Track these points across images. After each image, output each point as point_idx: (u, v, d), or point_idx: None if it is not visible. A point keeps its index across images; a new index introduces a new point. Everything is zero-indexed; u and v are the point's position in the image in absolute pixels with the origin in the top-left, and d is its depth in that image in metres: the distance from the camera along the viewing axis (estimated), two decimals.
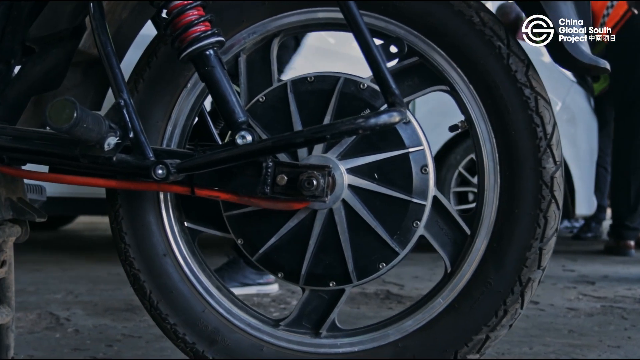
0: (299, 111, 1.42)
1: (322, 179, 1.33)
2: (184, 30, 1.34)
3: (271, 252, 1.44)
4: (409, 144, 1.40)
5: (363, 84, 1.41)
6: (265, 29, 1.49)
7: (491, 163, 1.40)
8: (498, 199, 1.40)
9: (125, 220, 1.51)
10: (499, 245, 1.39)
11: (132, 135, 1.35)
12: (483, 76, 1.39)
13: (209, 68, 1.34)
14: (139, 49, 1.58)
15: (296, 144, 1.25)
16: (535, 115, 1.37)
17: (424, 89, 1.45)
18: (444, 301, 1.42)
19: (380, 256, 1.41)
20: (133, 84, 1.51)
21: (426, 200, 1.40)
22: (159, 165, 1.31)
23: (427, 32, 1.41)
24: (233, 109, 1.35)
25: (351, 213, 1.40)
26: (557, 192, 1.37)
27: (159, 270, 1.51)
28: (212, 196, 1.38)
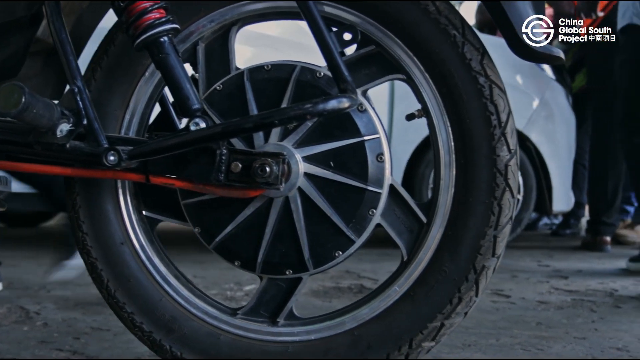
0: (255, 99, 1.42)
1: (276, 166, 1.33)
2: (138, 17, 1.33)
3: (228, 241, 1.45)
4: (365, 132, 1.40)
5: (319, 72, 1.42)
6: (223, 18, 1.49)
7: (447, 151, 1.41)
8: (453, 187, 1.40)
9: (83, 208, 1.50)
10: (454, 233, 1.40)
11: (86, 122, 1.35)
12: (438, 65, 1.39)
13: (163, 55, 1.34)
14: None
15: (245, 129, 1.26)
16: (489, 103, 1.37)
17: (381, 78, 1.45)
18: (400, 289, 1.43)
19: (336, 244, 1.41)
20: (91, 73, 1.51)
21: (382, 188, 1.41)
22: (110, 152, 1.31)
23: (383, 21, 1.41)
24: (187, 96, 1.35)
25: (307, 201, 1.41)
26: (511, 180, 1.38)
27: (117, 258, 1.50)
28: (167, 184, 1.38)
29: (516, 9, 1.35)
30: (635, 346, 2.06)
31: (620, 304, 2.82)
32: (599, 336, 2.21)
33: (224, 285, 3.15)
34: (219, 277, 3.38)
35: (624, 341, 2.13)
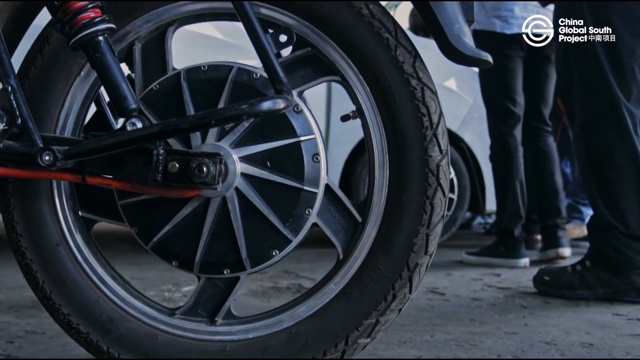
0: (192, 100, 1.43)
1: (213, 167, 1.34)
2: (74, 16, 1.33)
3: (165, 241, 1.45)
4: (300, 132, 1.42)
5: (256, 73, 1.44)
6: (160, 18, 1.49)
7: (380, 152, 1.44)
8: (387, 187, 1.44)
9: (17, 209, 1.49)
10: (387, 232, 1.43)
11: (20, 121, 1.34)
12: (372, 67, 1.43)
13: (99, 55, 1.34)
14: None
15: (182, 129, 1.26)
16: (421, 105, 1.42)
17: (317, 79, 1.48)
18: (336, 287, 1.46)
19: (273, 243, 1.43)
20: (24, 71, 1.49)
21: (318, 188, 1.43)
22: (45, 152, 1.30)
23: (317, 23, 1.44)
24: (124, 96, 1.35)
25: (244, 201, 1.42)
26: (442, 179, 1.42)
27: (52, 260, 1.49)
28: (103, 184, 1.37)
29: (446, 14, 1.40)
30: (563, 340, 2.15)
31: (549, 299, 2.92)
32: (528, 331, 2.28)
33: (162, 287, 3.14)
34: (157, 279, 3.36)
35: (552, 335, 2.21)
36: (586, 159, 3.00)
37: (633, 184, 2.89)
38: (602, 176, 2.95)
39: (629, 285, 2.82)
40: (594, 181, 2.98)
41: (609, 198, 2.92)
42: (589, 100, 2.97)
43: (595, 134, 2.95)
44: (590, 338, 2.17)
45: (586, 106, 2.97)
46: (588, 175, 3.02)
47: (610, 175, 2.92)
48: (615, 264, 2.87)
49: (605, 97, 2.92)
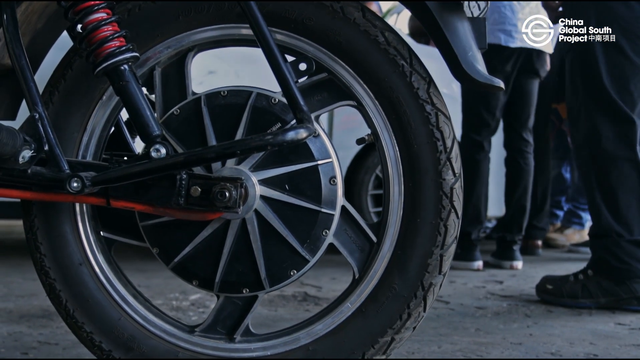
0: (212, 124, 1.47)
1: (235, 191, 1.38)
2: (99, 45, 1.37)
3: (186, 261, 1.49)
4: (318, 156, 1.46)
5: (274, 98, 1.48)
6: (180, 44, 1.53)
7: (395, 174, 1.48)
8: (402, 209, 1.48)
9: (41, 230, 1.52)
10: (403, 252, 1.48)
11: (47, 148, 1.37)
12: (387, 92, 1.47)
13: (123, 83, 1.38)
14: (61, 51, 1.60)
15: (208, 159, 1.31)
16: (435, 129, 1.46)
17: (333, 104, 1.52)
18: (352, 305, 1.50)
19: (291, 263, 1.47)
20: (48, 96, 1.53)
21: (335, 210, 1.48)
22: (74, 179, 1.34)
23: (334, 50, 1.48)
24: (147, 123, 1.39)
25: (263, 222, 1.46)
26: (456, 202, 1.47)
27: (75, 279, 1.53)
28: (127, 207, 1.41)
29: (460, 41, 1.44)
30: (567, 350, 2.19)
31: (552, 308, 2.96)
32: (533, 341, 2.33)
33: (169, 295, 3.17)
34: (164, 286, 3.39)
35: (557, 345, 2.25)
36: (590, 167, 3.04)
37: (636, 193, 2.94)
38: (606, 184, 2.98)
39: (631, 294, 2.85)
40: (598, 189, 3.00)
41: (612, 206, 2.95)
42: (592, 110, 3.01)
43: (599, 143, 2.98)
44: (595, 349, 2.22)
45: (590, 116, 3.01)
46: (591, 184, 3.05)
47: (614, 183, 2.95)
48: (617, 272, 2.90)
49: (608, 108, 2.96)
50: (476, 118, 4.22)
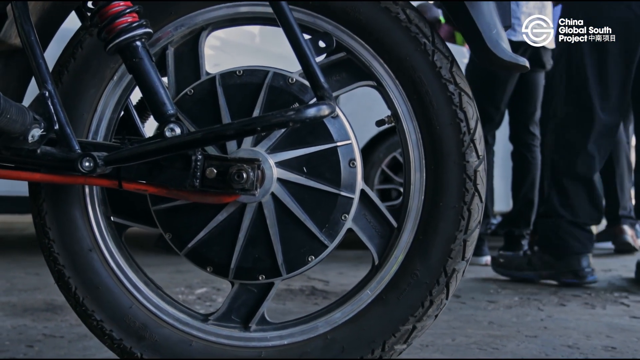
0: (227, 105, 1.42)
1: (252, 172, 1.33)
2: (112, 20, 1.32)
3: (200, 247, 1.44)
4: (337, 138, 1.41)
5: (292, 78, 1.43)
6: (193, 22, 1.48)
7: (417, 157, 1.44)
8: (424, 192, 1.43)
9: (49, 214, 1.47)
10: (424, 238, 1.43)
11: (57, 127, 1.32)
12: (409, 72, 1.42)
13: (137, 60, 1.33)
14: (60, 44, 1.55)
15: (226, 136, 1.25)
16: (459, 110, 1.41)
17: (352, 84, 1.47)
18: (372, 293, 1.45)
19: (309, 249, 1.43)
20: (57, 75, 1.48)
21: (354, 193, 1.43)
22: (85, 158, 1.29)
23: (354, 28, 1.43)
24: (162, 101, 1.33)
25: (280, 206, 1.41)
26: (480, 185, 1.42)
27: (85, 266, 1.48)
28: (140, 189, 1.36)
29: (484, 18, 1.39)
30: (585, 343, 2.14)
31: (565, 302, 2.92)
32: (549, 334, 2.28)
33: (175, 289, 3.12)
34: (169, 281, 3.35)
35: (573, 339, 2.21)
36: (552, 153, 3.36)
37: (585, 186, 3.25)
38: (560, 172, 3.29)
39: (568, 268, 3.25)
40: (552, 175, 3.33)
41: (562, 192, 3.28)
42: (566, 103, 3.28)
43: (564, 133, 3.29)
44: (612, 341, 2.17)
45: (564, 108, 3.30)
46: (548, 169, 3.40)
47: (567, 173, 3.27)
48: (557, 249, 3.26)
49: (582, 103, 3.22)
50: (481, 112, 4.17)
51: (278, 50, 3.94)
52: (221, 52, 4.12)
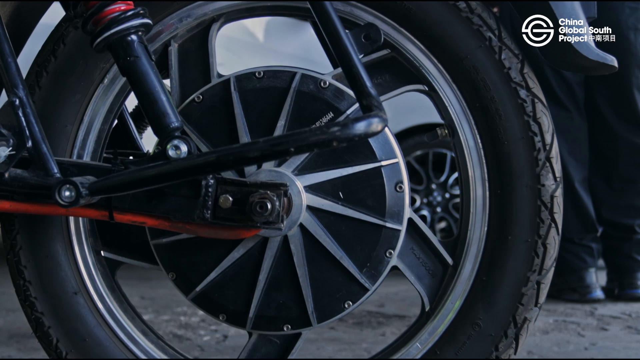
0: (245, 114, 1.16)
1: (277, 201, 1.06)
2: (99, 9, 1.06)
3: (211, 290, 1.19)
4: (380, 155, 1.15)
5: (324, 81, 1.17)
6: (202, 12, 1.23)
7: (479, 179, 1.19)
8: (487, 223, 1.19)
9: (25, 249, 1.22)
10: (488, 279, 1.17)
11: (30, 144, 1.06)
12: (470, 74, 1.17)
13: (131, 58, 1.06)
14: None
15: (249, 159, 0.96)
16: (532, 121, 1.15)
17: (397, 89, 1.23)
18: (422, 347, 1.21)
19: (346, 293, 1.17)
20: (34, 78, 1.23)
21: (401, 224, 1.17)
22: (65, 186, 1.01)
23: (401, 20, 1.19)
24: (163, 112, 1.07)
25: (311, 241, 1.17)
26: (557, 214, 1.17)
27: (69, 312, 1.23)
28: (136, 222, 1.09)
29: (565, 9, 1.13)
30: None
31: (606, 325, 2.66)
32: None
33: (177, 309, 2.86)
34: (170, 299, 3.09)
35: None
36: None
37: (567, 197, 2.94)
38: None
39: (567, 285, 3.06)
40: None
41: None
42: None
43: None
44: None
45: None
46: None
47: None
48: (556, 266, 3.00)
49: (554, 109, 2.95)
50: None
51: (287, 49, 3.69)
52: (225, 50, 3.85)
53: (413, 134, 4.09)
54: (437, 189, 4.00)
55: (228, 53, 3.79)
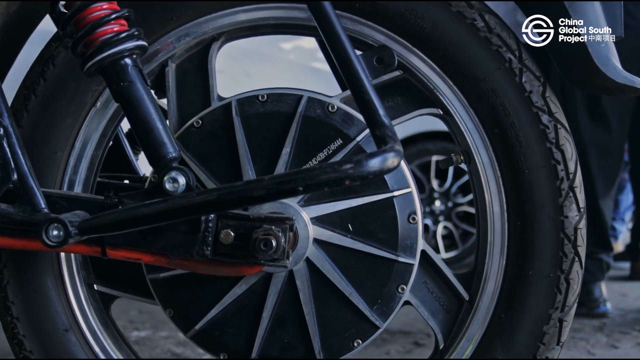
0: (247, 141, 1.08)
1: (283, 237, 0.98)
2: (91, 30, 0.97)
3: (211, 328, 1.12)
4: (392, 185, 1.08)
5: (332, 105, 1.09)
6: (201, 31, 1.15)
7: (497, 209, 1.11)
8: (506, 256, 1.10)
9: (12, 284, 1.15)
10: (507, 316, 1.09)
11: (16, 177, 0.98)
12: (488, 97, 1.09)
13: (125, 84, 0.98)
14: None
15: (254, 198, 0.88)
16: (555, 148, 1.08)
17: (409, 112, 1.16)
18: None
19: (356, 332, 1.09)
20: (22, 101, 1.14)
21: (414, 258, 1.09)
22: (53, 224, 0.92)
23: (414, 39, 1.11)
24: (160, 141, 0.99)
25: (318, 276, 1.10)
26: (581, 247, 1.09)
27: (60, 351, 1.16)
28: (131, 258, 1.01)
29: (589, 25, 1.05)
30: None
31: (615, 342, 2.59)
32: None
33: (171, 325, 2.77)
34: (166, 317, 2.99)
35: None
36: None
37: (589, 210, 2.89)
38: None
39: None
40: None
41: None
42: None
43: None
44: None
45: None
46: None
47: None
48: None
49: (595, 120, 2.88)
50: None
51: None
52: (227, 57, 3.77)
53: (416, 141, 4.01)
54: (439, 198, 3.93)
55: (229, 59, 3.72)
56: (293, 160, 1.08)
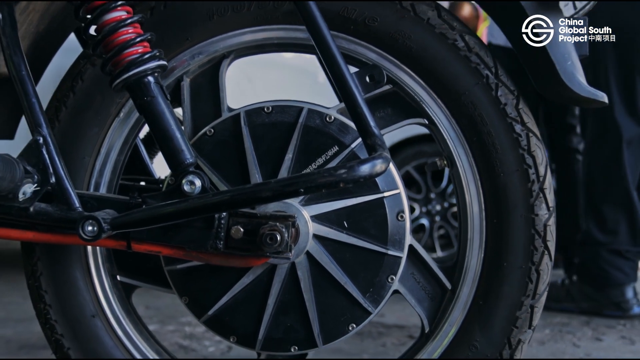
0: (254, 147, 1.21)
1: (286, 232, 1.12)
2: (118, 51, 1.10)
3: (222, 313, 1.24)
4: (383, 186, 1.21)
5: (329, 116, 1.22)
6: (213, 49, 1.28)
7: (476, 209, 1.24)
8: (484, 250, 1.23)
9: (45, 275, 1.27)
10: (485, 303, 1.22)
11: (54, 180, 1.11)
12: (468, 109, 1.21)
13: (148, 98, 1.11)
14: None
15: (262, 198, 1.03)
16: (527, 154, 1.20)
17: (398, 122, 1.28)
18: None
19: (351, 317, 1.22)
20: (54, 112, 1.27)
21: (402, 251, 1.22)
22: (88, 221, 1.06)
23: (403, 57, 1.23)
24: (178, 148, 1.12)
25: (317, 267, 1.22)
26: (550, 242, 1.22)
27: (87, 334, 1.28)
28: (152, 251, 1.15)
29: (558, 47, 1.18)
30: None
31: (600, 335, 2.70)
32: None
33: (181, 319, 2.90)
34: (174, 309, 3.12)
35: None
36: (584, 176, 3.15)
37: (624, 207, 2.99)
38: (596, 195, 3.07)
39: (609, 300, 2.99)
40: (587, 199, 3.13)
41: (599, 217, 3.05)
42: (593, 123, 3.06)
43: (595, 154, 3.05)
44: None
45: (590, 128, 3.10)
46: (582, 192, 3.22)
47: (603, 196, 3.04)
48: (597, 279, 3.01)
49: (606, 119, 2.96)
50: None
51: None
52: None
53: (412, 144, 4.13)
54: (435, 198, 4.03)
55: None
56: (295, 165, 1.20)
